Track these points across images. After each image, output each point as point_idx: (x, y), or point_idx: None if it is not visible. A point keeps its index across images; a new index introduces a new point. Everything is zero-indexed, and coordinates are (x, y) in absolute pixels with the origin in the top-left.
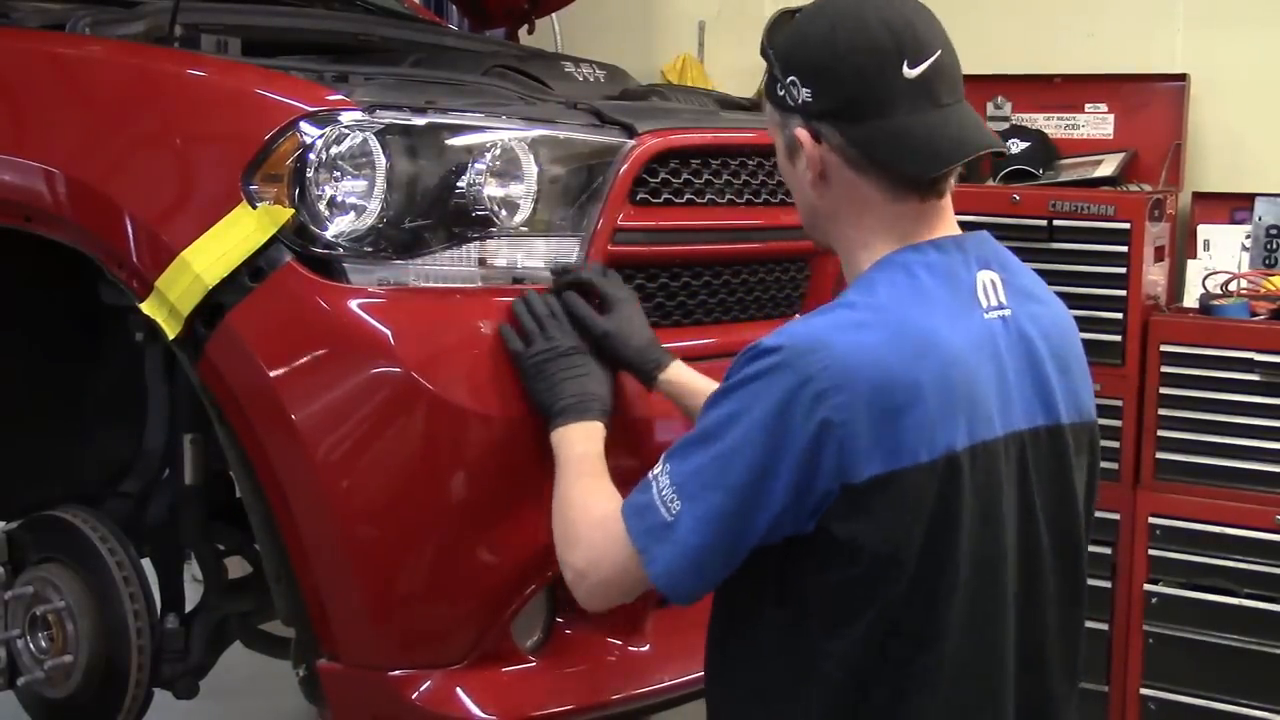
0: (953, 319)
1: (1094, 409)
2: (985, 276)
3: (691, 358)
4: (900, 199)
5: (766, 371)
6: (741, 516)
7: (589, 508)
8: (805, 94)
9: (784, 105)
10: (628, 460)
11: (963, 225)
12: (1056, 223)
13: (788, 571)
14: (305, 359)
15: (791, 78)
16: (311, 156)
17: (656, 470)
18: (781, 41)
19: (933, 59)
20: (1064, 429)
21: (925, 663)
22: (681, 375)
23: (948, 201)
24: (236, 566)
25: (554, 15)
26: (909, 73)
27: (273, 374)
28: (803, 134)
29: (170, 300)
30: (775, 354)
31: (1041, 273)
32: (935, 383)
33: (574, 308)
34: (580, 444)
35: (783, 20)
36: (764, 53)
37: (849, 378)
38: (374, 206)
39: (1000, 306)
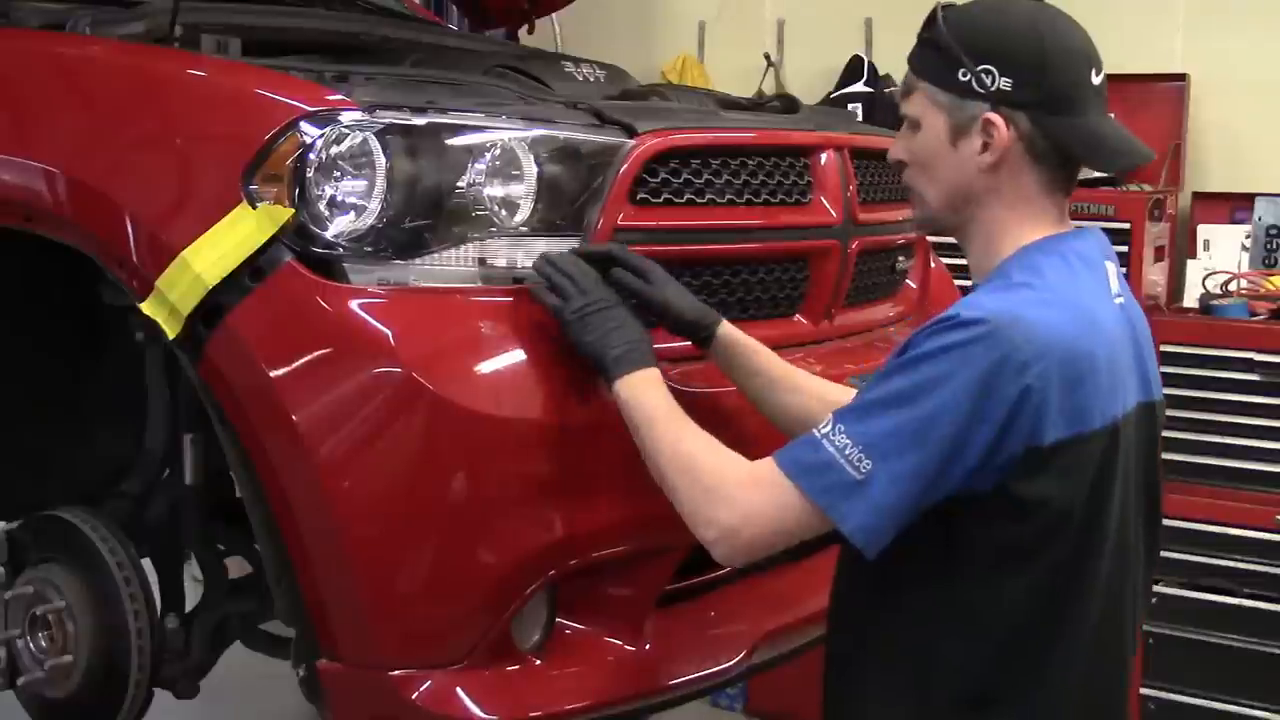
0: (1100, 301)
1: (1162, 392)
2: (1111, 267)
3: (691, 357)
4: (1053, 191)
5: (973, 340)
6: (939, 474)
7: (722, 465)
8: (1005, 82)
9: (966, 90)
10: None
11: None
12: None
13: (955, 530)
14: (305, 359)
15: (985, 66)
16: (311, 156)
17: (827, 429)
18: (964, 28)
19: (1104, 72)
20: (1155, 405)
21: (1076, 616)
22: (734, 333)
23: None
24: (236, 566)
25: (554, 15)
26: (1095, 80)
27: (273, 374)
28: (996, 118)
29: (170, 300)
30: (980, 325)
31: None
32: (1104, 357)
33: (623, 281)
34: (654, 393)
35: (945, 9)
36: (935, 35)
37: (1046, 349)
38: (374, 206)
39: (1119, 294)
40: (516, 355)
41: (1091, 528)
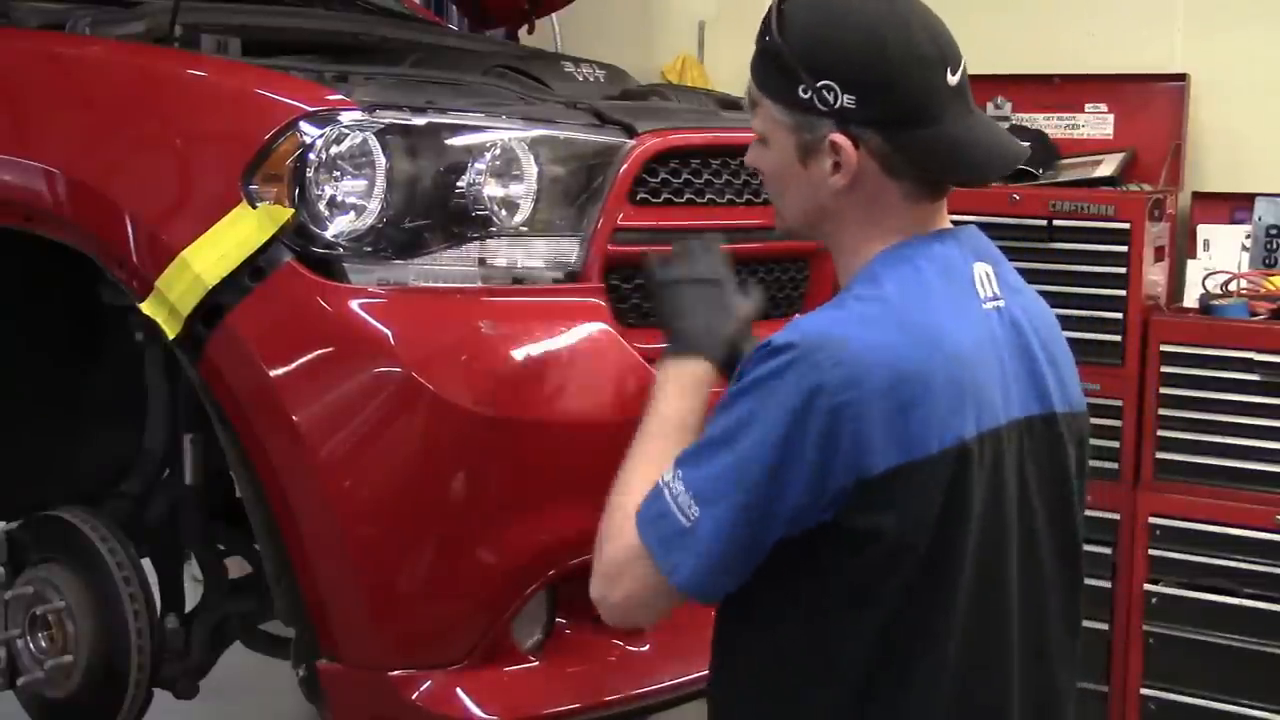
0: (956, 311)
1: (1083, 400)
2: (980, 268)
3: None
4: (919, 200)
5: (780, 370)
6: (762, 513)
7: (619, 511)
8: (848, 100)
9: (808, 108)
10: None
11: (963, 225)
12: (1056, 223)
13: (801, 565)
14: (305, 359)
15: (826, 82)
16: (311, 156)
17: (668, 476)
18: (802, 40)
19: (963, 65)
20: (1057, 417)
21: (935, 654)
22: None
23: (945, 198)
24: (236, 566)
25: (554, 15)
26: (951, 80)
27: (273, 374)
28: (843, 140)
29: (170, 300)
30: (787, 352)
31: (1041, 272)
32: (944, 375)
33: None
34: (663, 399)
35: (780, 13)
36: (771, 49)
37: (862, 374)
38: (374, 206)
39: (995, 298)
40: (516, 355)
41: (942, 559)
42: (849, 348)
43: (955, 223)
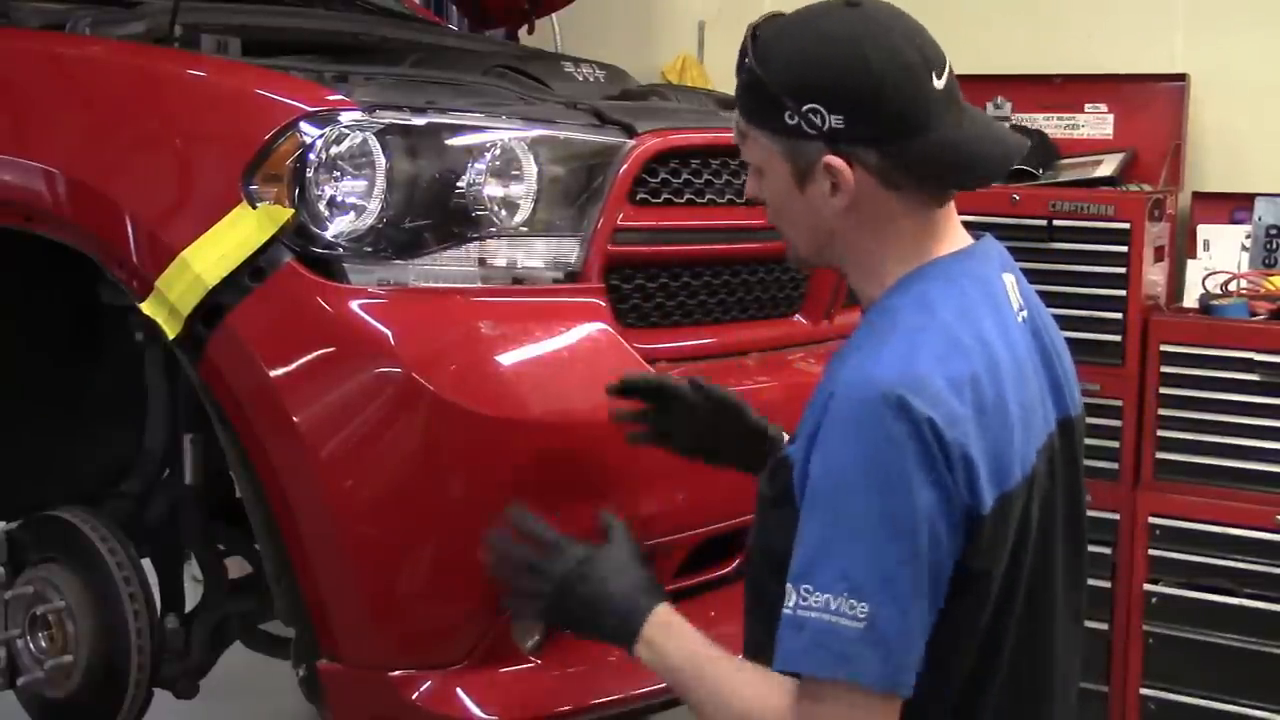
0: (1002, 330)
1: (1081, 400)
2: (1008, 280)
3: (691, 358)
4: (925, 209)
5: (878, 426)
6: (934, 576)
7: (764, 708)
8: (835, 120)
9: (797, 133)
10: None
11: (964, 225)
12: (1056, 223)
13: None
14: (306, 359)
15: (812, 105)
16: (311, 156)
17: (793, 601)
18: (781, 65)
19: (948, 66)
20: (1074, 420)
21: (997, 662)
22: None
23: (953, 203)
24: (236, 566)
25: (554, 15)
26: (937, 84)
27: (273, 374)
28: (837, 162)
29: (170, 300)
30: (876, 404)
31: (1041, 273)
32: (1014, 399)
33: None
34: (675, 651)
35: (756, 39)
36: (751, 78)
37: (957, 411)
38: (374, 206)
39: (1022, 308)
40: (516, 355)
41: (1010, 580)
42: (935, 384)
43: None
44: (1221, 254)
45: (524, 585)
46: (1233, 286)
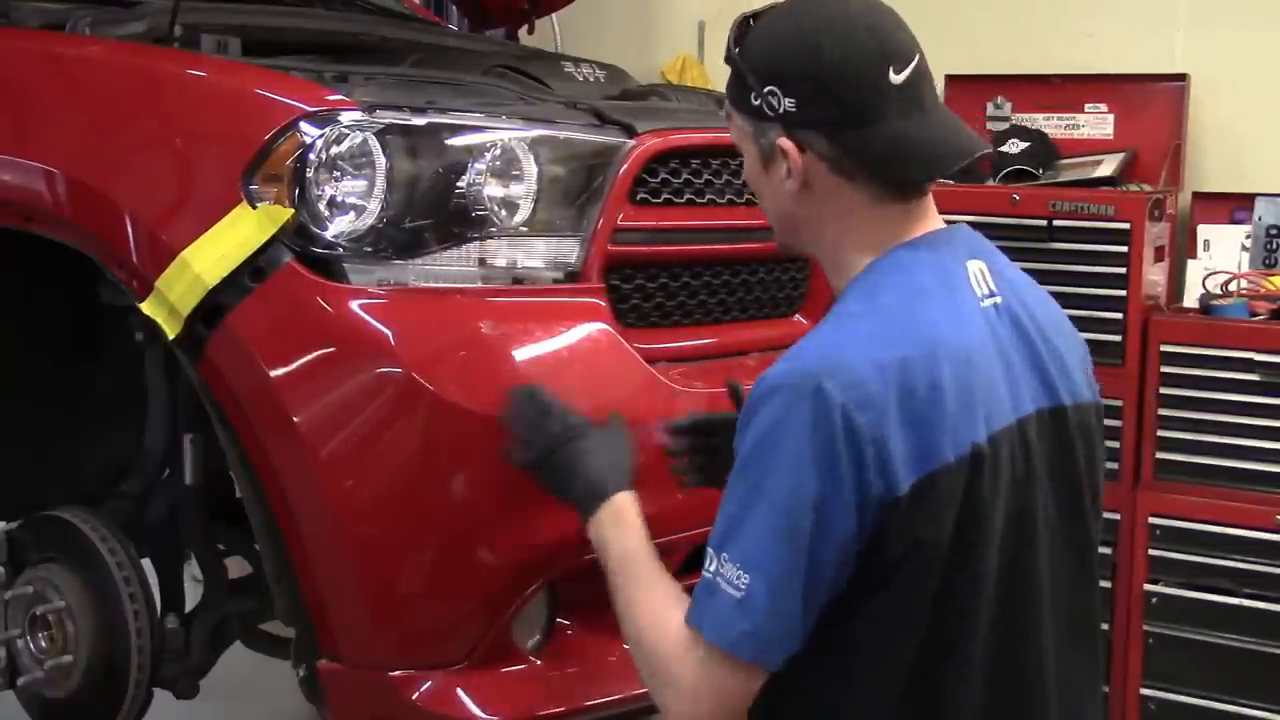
0: (955, 314)
1: (1088, 391)
2: (975, 266)
3: (691, 357)
4: (886, 202)
5: (790, 407)
6: (812, 558)
7: (658, 639)
8: (788, 103)
9: (760, 114)
10: None
11: (953, 224)
12: (1056, 223)
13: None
14: (305, 359)
15: (770, 87)
16: (311, 156)
17: (711, 567)
18: (754, 49)
19: (915, 63)
20: (1065, 410)
21: (963, 650)
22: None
23: (930, 198)
24: (236, 566)
25: (554, 15)
26: (895, 79)
27: (273, 374)
28: (787, 143)
29: (170, 300)
30: (792, 387)
31: (1041, 272)
32: (952, 382)
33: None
34: (614, 541)
35: (746, 26)
36: (731, 60)
37: (873, 394)
38: (374, 206)
39: (991, 294)
40: (516, 355)
41: (964, 562)
42: (855, 369)
43: (949, 223)
44: (1221, 254)
45: (521, 435)
46: (1233, 286)
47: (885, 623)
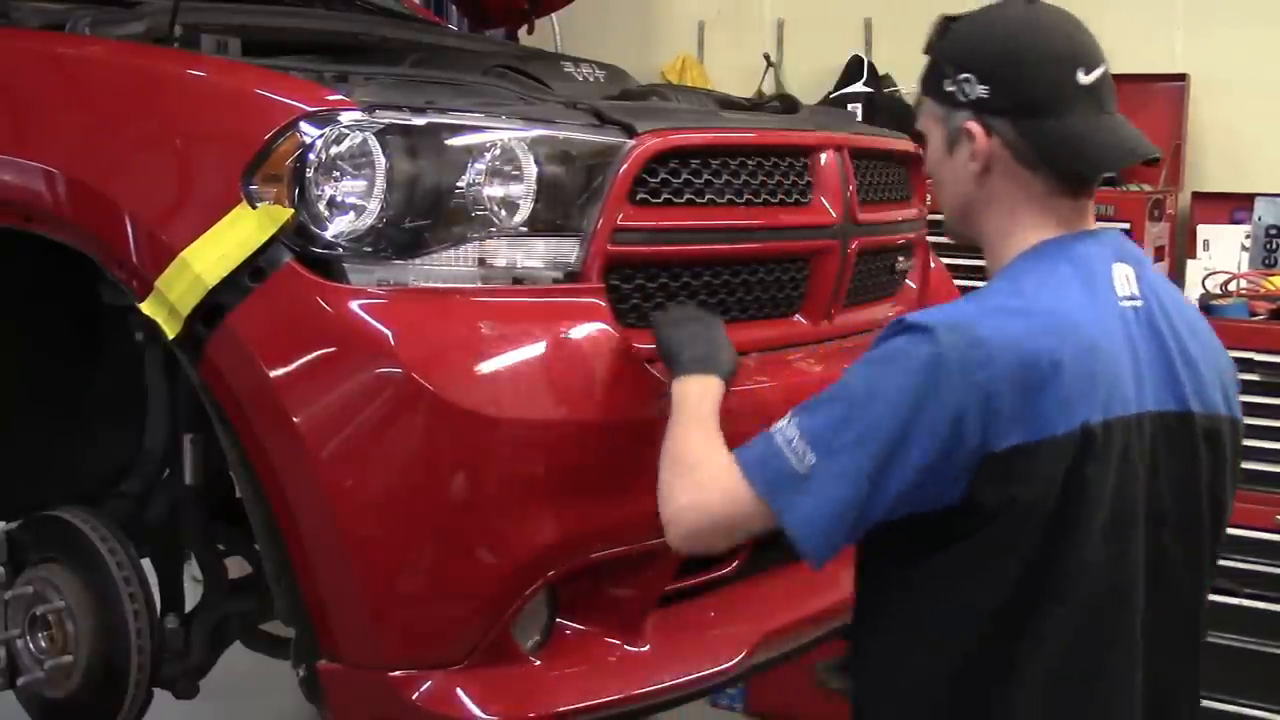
0: (1090, 306)
1: (1225, 405)
2: (1122, 270)
3: None
4: (1057, 194)
5: (914, 345)
6: (879, 477)
7: (696, 454)
8: (981, 90)
9: (952, 100)
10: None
11: (1106, 228)
12: None
13: (938, 535)
14: (305, 359)
15: (966, 75)
16: (311, 156)
17: (781, 424)
18: (952, 41)
19: (1101, 70)
20: (1193, 417)
21: (1051, 621)
22: None
23: (1091, 201)
24: (236, 566)
25: (554, 15)
26: (1083, 79)
27: (273, 374)
28: (975, 126)
29: (170, 300)
30: (923, 331)
31: None
32: (1074, 364)
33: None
34: (696, 397)
35: (946, 24)
36: (930, 50)
37: (993, 356)
38: (374, 206)
39: (1133, 297)
40: (516, 355)
41: (1063, 534)
42: (980, 332)
43: None
44: (1221, 254)
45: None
46: (1233, 286)
47: (967, 575)
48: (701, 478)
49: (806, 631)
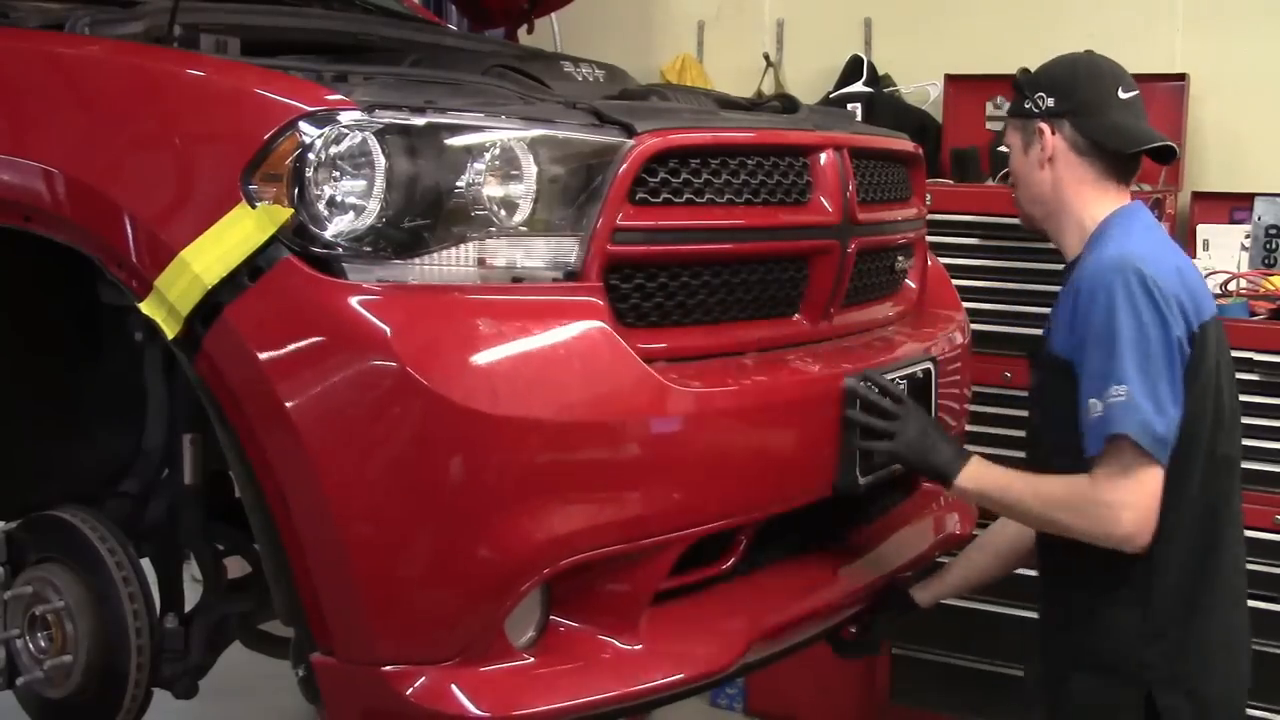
0: (1170, 241)
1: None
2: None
3: (690, 357)
4: (1110, 177)
5: (1125, 283)
6: (1170, 374)
7: (1070, 488)
8: (1049, 101)
9: (1029, 114)
10: None
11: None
12: None
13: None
14: (304, 357)
15: (1040, 92)
16: (311, 156)
17: (1098, 402)
18: (1032, 76)
19: (1136, 92)
20: (1220, 323)
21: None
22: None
23: (1129, 186)
24: (236, 566)
25: (554, 15)
26: (1122, 95)
27: (269, 369)
28: (1044, 127)
29: (169, 300)
30: (1118, 271)
31: (1041, 271)
32: (1188, 273)
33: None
34: (990, 472)
35: (1025, 70)
36: (1016, 84)
37: (1164, 269)
38: (373, 206)
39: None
40: (513, 353)
41: (1200, 414)
42: (1145, 254)
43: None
44: (1221, 254)
45: (879, 426)
46: (1232, 286)
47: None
48: (1104, 494)
49: (803, 629)
